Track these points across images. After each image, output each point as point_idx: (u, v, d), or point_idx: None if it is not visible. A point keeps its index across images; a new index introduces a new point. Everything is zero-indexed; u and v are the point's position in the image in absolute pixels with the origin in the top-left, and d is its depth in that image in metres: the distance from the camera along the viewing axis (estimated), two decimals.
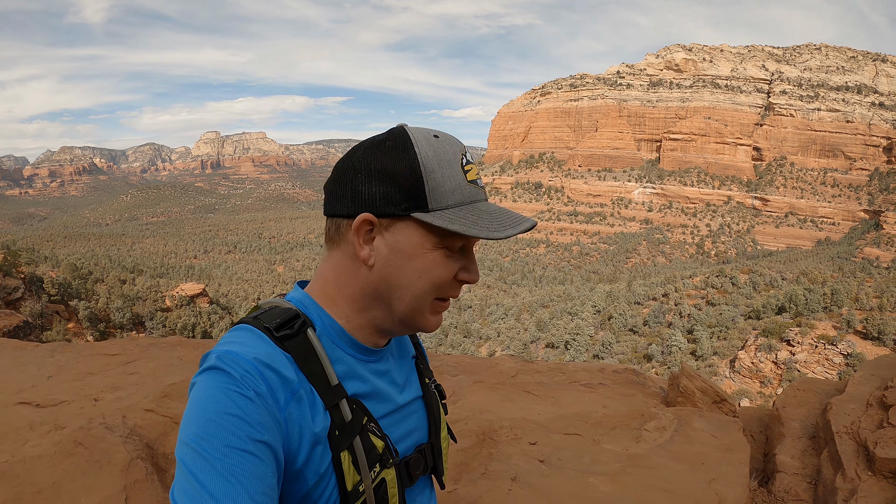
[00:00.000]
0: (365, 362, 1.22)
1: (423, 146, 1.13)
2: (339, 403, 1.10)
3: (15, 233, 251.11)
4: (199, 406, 0.97)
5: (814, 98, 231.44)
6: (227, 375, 0.99)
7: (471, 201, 1.14)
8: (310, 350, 1.11)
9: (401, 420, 1.28)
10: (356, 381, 1.19)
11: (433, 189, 1.11)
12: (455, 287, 1.18)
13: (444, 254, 1.13)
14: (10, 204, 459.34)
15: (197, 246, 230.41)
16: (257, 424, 0.97)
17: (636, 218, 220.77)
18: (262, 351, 1.05)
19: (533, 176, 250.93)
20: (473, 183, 1.16)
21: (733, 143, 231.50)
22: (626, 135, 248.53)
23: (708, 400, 6.93)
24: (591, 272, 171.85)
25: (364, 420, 1.14)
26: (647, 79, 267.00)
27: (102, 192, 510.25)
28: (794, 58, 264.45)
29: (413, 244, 1.12)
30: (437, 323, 1.21)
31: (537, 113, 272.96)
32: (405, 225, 1.12)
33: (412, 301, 1.15)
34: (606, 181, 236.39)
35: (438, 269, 1.13)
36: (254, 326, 1.11)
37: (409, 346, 1.45)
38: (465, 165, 1.17)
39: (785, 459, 5.70)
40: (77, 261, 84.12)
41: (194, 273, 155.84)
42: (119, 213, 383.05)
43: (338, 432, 1.08)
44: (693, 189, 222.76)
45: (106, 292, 59.04)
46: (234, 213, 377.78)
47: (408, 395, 1.33)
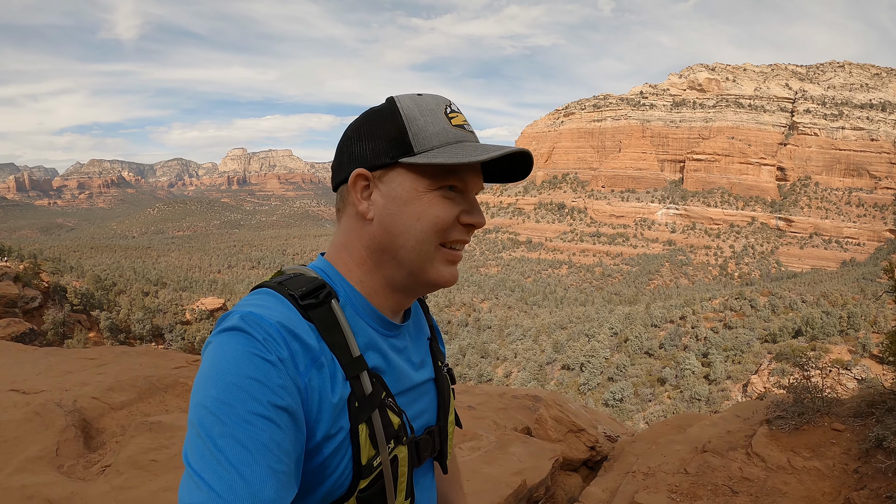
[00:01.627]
0: (385, 337, 1.23)
1: (405, 100, 1.19)
2: (360, 375, 1.10)
3: (43, 242, 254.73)
4: (219, 368, 0.95)
5: (838, 116, 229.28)
6: (250, 338, 0.97)
7: (457, 141, 1.16)
8: (333, 321, 1.10)
9: (414, 399, 1.28)
10: (376, 354, 1.18)
11: (416, 133, 1.14)
12: (461, 231, 1.18)
13: (441, 195, 1.15)
14: (38, 214, 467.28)
15: (221, 261, 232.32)
16: (279, 389, 0.95)
17: (659, 239, 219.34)
18: (286, 316, 1.04)
19: (556, 196, 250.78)
20: (460, 127, 1.19)
21: (757, 164, 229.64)
22: (650, 155, 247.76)
23: (563, 429, 7.16)
24: (612, 294, 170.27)
25: (383, 395, 1.13)
26: (671, 99, 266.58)
27: (130, 204, 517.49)
28: (817, 76, 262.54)
29: (406, 188, 1.14)
30: (451, 275, 1.20)
31: (561, 133, 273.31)
32: (396, 173, 1.15)
33: (416, 246, 1.15)
34: (629, 202, 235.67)
35: (435, 209, 1.14)
36: (278, 292, 1.10)
37: (425, 327, 1.46)
38: (450, 113, 1.19)
39: (593, 490, 6.12)
40: (101, 272, 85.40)
41: (217, 287, 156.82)
42: (145, 226, 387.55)
43: (357, 404, 1.07)
44: (717, 210, 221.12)
45: (128, 303, 59.96)
46: (259, 229, 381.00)
47: (422, 374, 1.33)
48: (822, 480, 5.28)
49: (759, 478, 5.48)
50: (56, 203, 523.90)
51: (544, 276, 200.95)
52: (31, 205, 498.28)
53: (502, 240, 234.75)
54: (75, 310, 45.98)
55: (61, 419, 5.86)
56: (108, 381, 7.23)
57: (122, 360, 8.64)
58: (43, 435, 5.61)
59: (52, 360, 8.59)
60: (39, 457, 5.25)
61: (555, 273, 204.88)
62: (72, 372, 7.90)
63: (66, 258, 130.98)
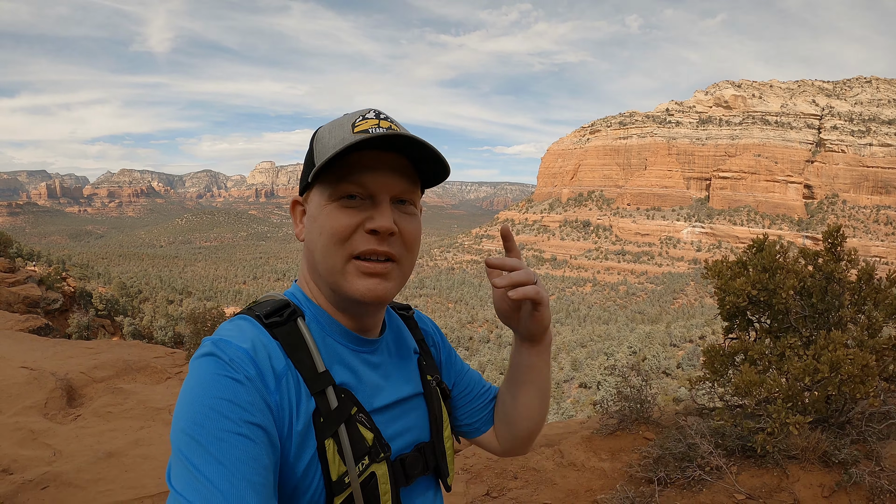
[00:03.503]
0: (357, 352, 1.23)
1: (326, 124, 1.22)
2: (326, 390, 1.11)
3: (72, 248, 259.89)
4: (192, 392, 0.98)
5: (865, 133, 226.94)
6: (219, 360, 1.00)
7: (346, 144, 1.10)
8: (298, 338, 1.13)
9: (397, 416, 1.26)
10: (345, 370, 1.19)
11: (319, 151, 1.16)
12: (367, 240, 1.14)
13: (339, 205, 1.14)
14: (68, 220, 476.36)
15: (247, 272, 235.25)
16: (249, 406, 0.97)
17: (684, 258, 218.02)
18: (254, 337, 1.07)
19: (581, 214, 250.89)
20: (363, 132, 1.13)
21: (784, 181, 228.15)
22: (675, 173, 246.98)
23: None
24: (636, 312, 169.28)
25: (353, 410, 1.13)
26: (696, 116, 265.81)
27: (158, 214, 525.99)
28: (844, 92, 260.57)
29: (316, 205, 1.17)
30: (365, 288, 1.15)
31: (586, 151, 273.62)
32: (313, 193, 1.19)
33: (322, 259, 1.16)
34: (655, 220, 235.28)
35: (332, 221, 1.14)
36: (248, 315, 1.15)
37: (410, 341, 1.44)
38: (359, 122, 1.17)
39: None
40: (128, 280, 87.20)
41: (241, 298, 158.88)
42: (173, 235, 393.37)
43: (322, 419, 1.08)
44: (743, 228, 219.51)
45: (151, 311, 61.59)
46: (286, 241, 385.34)
47: (405, 390, 1.31)
48: (598, 479, 5.83)
49: (546, 470, 6.17)
50: (86, 210, 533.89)
51: (568, 293, 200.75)
52: (61, 211, 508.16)
53: (527, 257, 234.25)
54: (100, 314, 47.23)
55: (52, 383, 8.28)
56: (95, 362, 9.79)
57: (114, 349, 11.25)
58: (37, 393, 8.01)
59: (58, 348, 11.02)
60: (32, 406, 7.64)
61: (579, 291, 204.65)
62: (73, 357, 10.22)
63: (94, 264, 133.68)
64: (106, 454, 6.12)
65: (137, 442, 6.55)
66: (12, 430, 6.60)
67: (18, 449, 6.13)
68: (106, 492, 5.31)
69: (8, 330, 13.13)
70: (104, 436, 6.77)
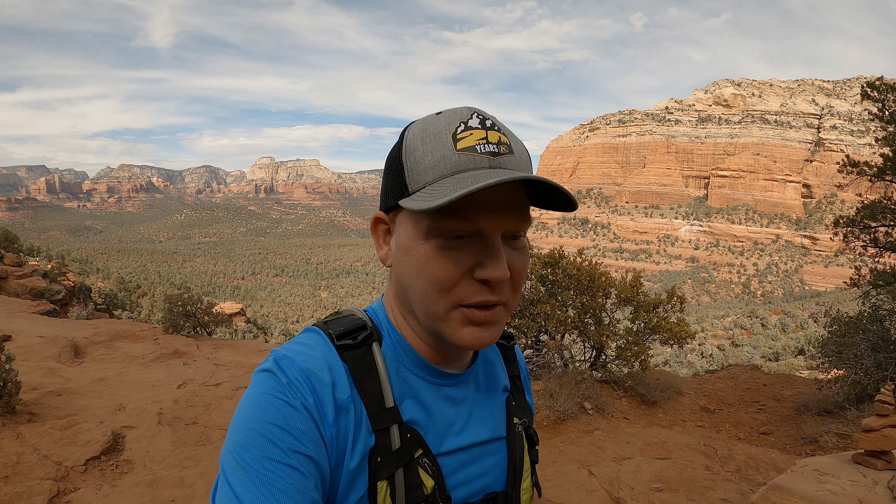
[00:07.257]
0: (437, 386, 1.06)
1: (414, 126, 0.99)
2: (390, 428, 0.97)
3: (71, 243, 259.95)
4: (244, 412, 0.90)
5: (865, 133, 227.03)
6: (277, 380, 0.91)
7: (456, 171, 0.90)
8: (369, 365, 0.99)
9: (471, 460, 1.08)
10: (417, 406, 1.03)
11: (411, 168, 0.94)
12: (477, 290, 0.93)
13: (439, 245, 0.92)
14: (68, 216, 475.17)
15: (245, 268, 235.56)
16: (301, 435, 0.88)
17: (682, 256, 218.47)
18: (321, 358, 0.96)
19: (580, 211, 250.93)
20: (469, 150, 0.91)
21: (782, 180, 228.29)
22: (674, 171, 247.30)
23: None
24: None
25: (418, 452, 0.98)
26: (696, 114, 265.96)
27: (158, 209, 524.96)
28: (844, 91, 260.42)
29: (408, 236, 0.96)
30: (470, 337, 0.95)
31: (585, 148, 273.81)
32: (402, 216, 0.97)
33: (420, 304, 0.97)
34: (653, 218, 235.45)
35: (433, 265, 0.92)
36: (322, 330, 1.02)
37: (502, 377, 1.23)
38: (461, 133, 0.93)
39: None
40: (126, 275, 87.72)
41: (240, 293, 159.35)
42: (172, 231, 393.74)
43: (380, 459, 0.95)
44: (741, 227, 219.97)
45: (149, 305, 62.23)
46: (285, 237, 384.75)
47: (485, 432, 1.12)
48: None
49: None
50: (85, 206, 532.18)
51: None
52: (60, 207, 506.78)
53: None
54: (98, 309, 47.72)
55: (63, 343, 11.35)
56: (95, 331, 13.31)
57: (110, 325, 14.86)
58: (52, 348, 10.99)
59: (66, 325, 14.55)
60: (49, 356, 10.61)
61: None
62: (77, 330, 13.51)
63: (93, 260, 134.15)
64: (99, 379, 9.25)
65: (119, 374, 9.87)
66: (37, 368, 9.51)
67: (41, 378, 8.88)
68: (98, 398, 8.21)
69: (23, 313, 16.07)
70: (98, 371, 9.97)
